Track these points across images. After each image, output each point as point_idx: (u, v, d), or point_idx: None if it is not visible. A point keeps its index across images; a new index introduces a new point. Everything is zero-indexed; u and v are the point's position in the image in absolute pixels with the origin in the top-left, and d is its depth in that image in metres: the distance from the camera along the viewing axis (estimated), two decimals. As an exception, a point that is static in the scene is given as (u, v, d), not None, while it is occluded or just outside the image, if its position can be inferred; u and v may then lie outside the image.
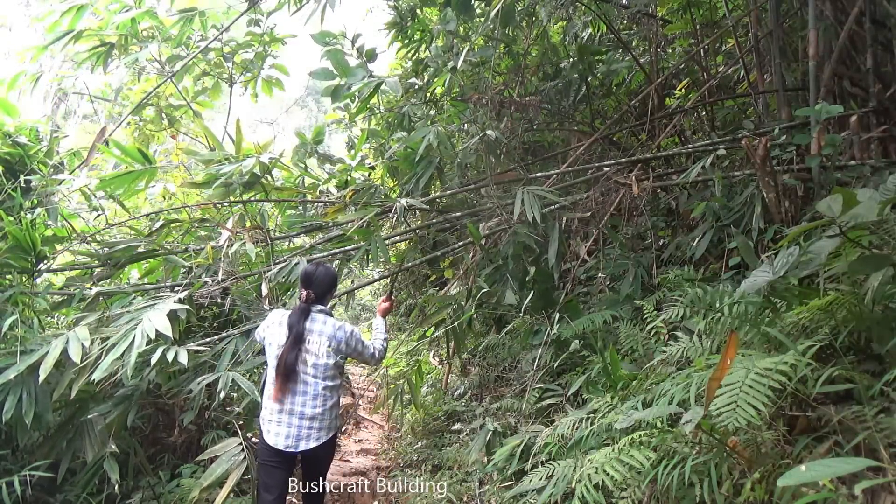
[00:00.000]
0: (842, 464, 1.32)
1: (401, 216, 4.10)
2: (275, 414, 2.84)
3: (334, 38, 4.60)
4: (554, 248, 4.04)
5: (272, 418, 2.85)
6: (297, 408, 2.83)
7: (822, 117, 3.12)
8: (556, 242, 4.03)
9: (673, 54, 6.15)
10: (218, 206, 4.44)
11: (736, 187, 3.83)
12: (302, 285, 3.03)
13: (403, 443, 5.38)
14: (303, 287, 3.01)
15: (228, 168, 4.10)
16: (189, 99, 6.21)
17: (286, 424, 2.82)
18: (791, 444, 2.00)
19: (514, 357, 5.21)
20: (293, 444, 2.82)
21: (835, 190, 2.01)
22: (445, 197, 5.28)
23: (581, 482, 2.13)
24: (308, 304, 2.97)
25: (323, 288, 3.04)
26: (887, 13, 3.76)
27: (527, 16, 5.62)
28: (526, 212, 3.81)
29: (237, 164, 4.11)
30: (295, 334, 2.87)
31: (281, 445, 2.81)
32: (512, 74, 6.00)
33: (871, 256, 2.06)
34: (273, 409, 2.85)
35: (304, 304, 2.97)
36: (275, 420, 2.84)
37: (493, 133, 4.23)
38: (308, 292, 2.98)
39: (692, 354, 2.62)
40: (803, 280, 2.49)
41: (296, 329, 2.88)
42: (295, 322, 2.90)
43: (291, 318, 2.92)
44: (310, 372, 2.87)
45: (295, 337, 2.87)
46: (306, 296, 2.97)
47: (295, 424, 2.82)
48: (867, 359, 2.12)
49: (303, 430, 2.83)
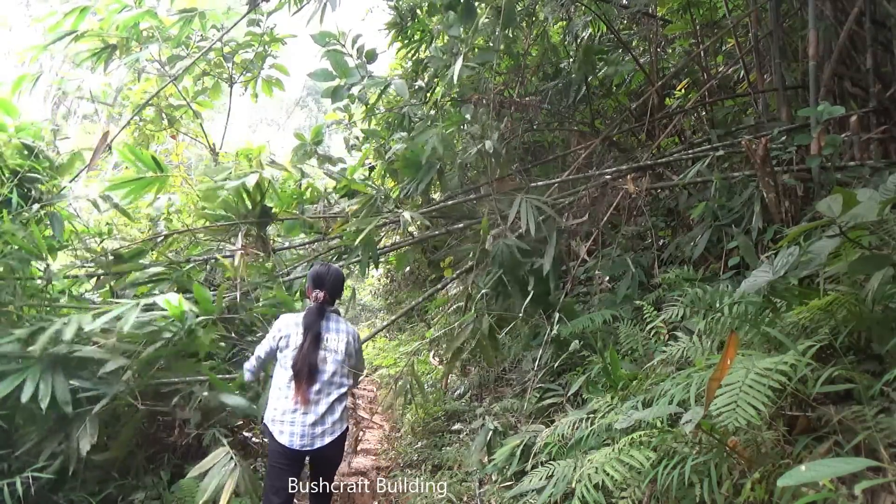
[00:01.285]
0: (842, 464, 1.33)
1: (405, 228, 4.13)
2: (288, 414, 2.83)
3: (334, 39, 4.60)
4: (550, 255, 4.03)
5: (285, 419, 2.83)
6: (311, 406, 2.84)
7: (822, 118, 3.12)
8: (552, 249, 4.03)
9: (673, 54, 6.15)
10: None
11: (736, 187, 3.83)
12: (314, 286, 3.03)
13: (403, 443, 5.37)
14: (316, 288, 3.03)
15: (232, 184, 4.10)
16: (189, 99, 6.21)
17: (300, 424, 2.82)
18: (791, 444, 2.00)
19: (514, 357, 5.21)
20: (309, 441, 2.82)
21: (835, 190, 2.01)
22: (445, 202, 5.28)
23: (581, 482, 2.13)
24: (323, 305, 3.00)
25: (335, 288, 3.09)
26: (887, 13, 3.76)
27: (527, 16, 5.62)
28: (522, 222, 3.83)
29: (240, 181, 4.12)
30: (314, 334, 2.89)
31: (297, 445, 2.80)
32: (512, 74, 6.00)
33: (871, 256, 2.06)
34: (286, 410, 2.84)
35: (319, 304, 2.99)
36: (288, 420, 2.83)
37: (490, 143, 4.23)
38: (323, 293, 3.01)
39: (692, 354, 2.62)
40: (803, 280, 2.49)
41: (314, 328, 2.90)
42: (312, 322, 2.92)
43: (308, 318, 2.93)
44: (329, 370, 2.90)
45: (314, 336, 2.89)
46: (323, 296, 3.00)
47: (309, 423, 2.82)
48: (867, 359, 2.12)
49: (317, 428, 2.83)
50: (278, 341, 2.97)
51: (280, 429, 2.84)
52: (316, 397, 2.86)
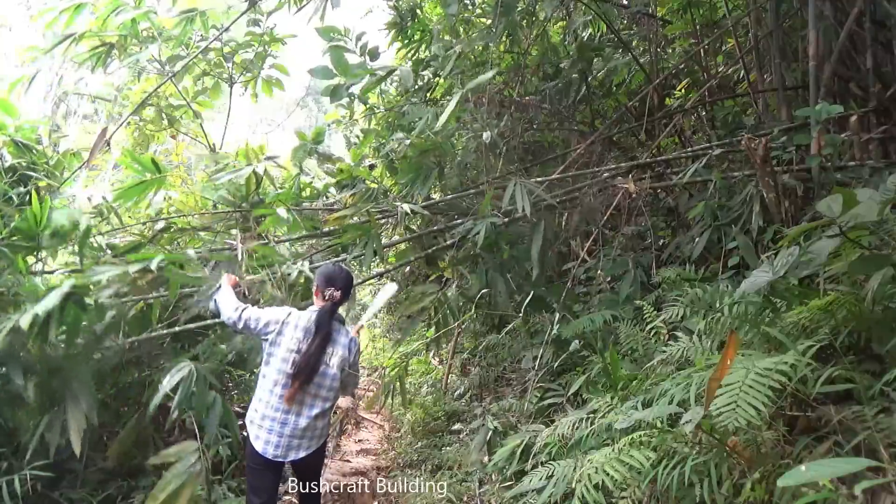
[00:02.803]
0: (842, 464, 1.33)
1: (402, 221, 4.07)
2: (266, 421, 2.69)
3: (338, 34, 4.59)
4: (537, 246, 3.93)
5: (263, 424, 2.69)
6: (291, 417, 2.68)
7: (822, 118, 3.11)
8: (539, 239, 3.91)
9: (673, 54, 6.15)
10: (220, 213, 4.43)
11: (736, 187, 3.83)
12: (327, 285, 2.85)
13: (403, 443, 5.37)
14: (329, 286, 2.84)
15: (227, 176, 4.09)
16: (189, 99, 6.20)
17: (277, 434, 2.68)
18: (791, 444, 2.00)
19: (514, 357, 5.21)
20: (282, 453, 2.69)
21: (835, 190, 2.01)
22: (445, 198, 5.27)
23: (581, 482, 2.13)
24: (336, 306, 2.85)
25: (347, 289, 2.92)
26: (887, 13, 3.76)
27: (527, 15, 5.62)
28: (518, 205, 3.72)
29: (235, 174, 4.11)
30: (324, 334, 2.73)
31: (269, 455, 2.67)
32: (512, 74, 6.00)
33: (871, 256, 2.06)
34: (266, 416, 2.69)
35: (332, 304, 2.82)
36: (265, 427, 2.69)
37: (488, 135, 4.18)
38: (339, 291, 2.84)
39: (692, 354, 2.62)
40: (803, 280, 2.49)
41: (324, 330, 2.74)
42: (324, 322, 2.75)
43: (321, 318, 2.76)
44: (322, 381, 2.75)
45: (324, 337, 2.72)
46: (340, 296, 2.84)
47: (287, 434, 2.68)
48: (867, 359, 2.12)
49: (293, 441, 2.70)
50: (273, 329, 2.76)
51: (256, 433, 2.71)
52: (298, 408, 2.70)
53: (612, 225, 4.71)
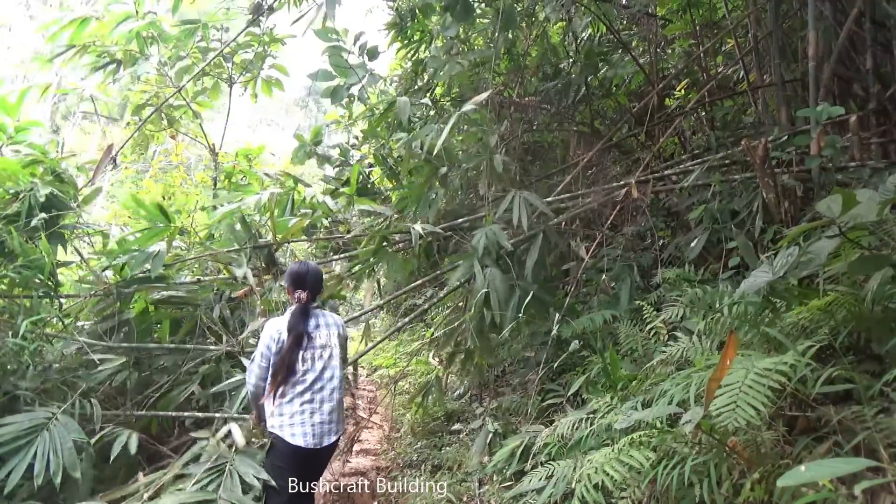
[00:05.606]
0: (842, 464, 1.33)
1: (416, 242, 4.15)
2: (297, 417, 2.82)
3: (337, 35, 4.59)
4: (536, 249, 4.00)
5: (294, 421, 2.82)
6: (315, 405, 2.85)
7: (822, 118, 3.11)
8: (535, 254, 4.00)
9: (673, 55, 6.15)
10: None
11: (736, 189, 3.83)
12: (296, 286, 2.98)
13: (403, 443, 5.37)
14: (297, 288, 2.97)
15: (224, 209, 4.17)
16: (189, 99, 6.21)
17: (310, 424, 2.82)
18: (791, 444, 2.00)
19: (514, 357, 5.21)
20: (318, 441, 2.82)
21: (834, 190, 2.02)
22: (450, 207, 5.31)
23: (581, 482, 2.13)
24: (307, 305, 2.96)
25: (317, 287, 3.04)
26: (887, 13, 3.76)
27: (527, 16, 5.62)
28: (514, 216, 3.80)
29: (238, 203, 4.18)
30: (296, 335, 2.86)
31: (311, 444, 2.80)
32: (512, 75, 6.00)
33: (871, 257, 2.07)
34: (294, 413, 2.83)
35: (303, 305, 2.94)
36: (297, 422, 2.82)
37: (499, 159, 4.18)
38: (306, 293, 2.96)
39: (692, 354, 2.62)
40: (803, 280, 2.49)
41: (297, 329, 2.87)
42: (297, 323, 2.88)
43: (293, 320, 2.89)
44: (325, 365, 2.91)
45: (296, 337, 2.86)
46: (307, 296, 2.96)
47: (317, 422, 2.83)
48: (867, 359, 2.12)
49: (325, 426, 2.85)
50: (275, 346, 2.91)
51: (292, 431, 2.82)
52: (319, 395, 2.86)
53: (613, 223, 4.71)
